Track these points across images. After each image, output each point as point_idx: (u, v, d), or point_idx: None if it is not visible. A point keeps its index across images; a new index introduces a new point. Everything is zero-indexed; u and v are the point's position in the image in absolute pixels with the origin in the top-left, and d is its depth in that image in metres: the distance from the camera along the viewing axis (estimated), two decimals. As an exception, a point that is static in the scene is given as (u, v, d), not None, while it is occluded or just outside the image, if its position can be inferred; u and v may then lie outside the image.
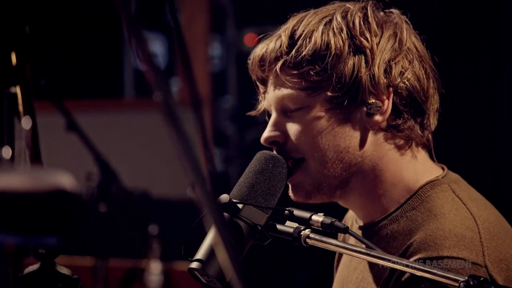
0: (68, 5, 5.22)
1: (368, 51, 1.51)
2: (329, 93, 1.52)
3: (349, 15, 1.54)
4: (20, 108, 1.31)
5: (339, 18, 1.54)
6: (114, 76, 5.36)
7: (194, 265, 1.41)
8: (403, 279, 1.44)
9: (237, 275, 0.95)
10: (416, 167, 1.57)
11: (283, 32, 1.57)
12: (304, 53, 1.52)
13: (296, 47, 1.54)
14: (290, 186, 1.58)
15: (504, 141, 3.85)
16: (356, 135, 1.54)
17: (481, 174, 3.71)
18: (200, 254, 1.42)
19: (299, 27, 1.55)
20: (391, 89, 1.52)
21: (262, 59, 1.58)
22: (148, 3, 4.94)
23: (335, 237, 1.43)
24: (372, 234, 1.57)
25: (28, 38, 1.35)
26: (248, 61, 1.63)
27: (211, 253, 1.40)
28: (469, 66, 3.86)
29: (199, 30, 4.67)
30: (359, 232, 1.60)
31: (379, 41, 1.53)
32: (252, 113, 1.68)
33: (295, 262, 4.31)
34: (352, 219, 1.69)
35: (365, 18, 1.55)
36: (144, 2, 4.99)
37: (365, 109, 1.52)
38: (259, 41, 1.63)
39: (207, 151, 0.97)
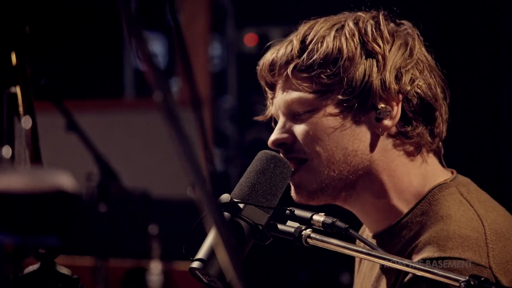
0: (68, 5, 5.22)
1: (380, 56, 1.52)
2: (339, 96, 1.52)
3: (361, 22, 1.56)
4: (20, 108, 1.31)
5: (351, 25, 1.55)
6: (114, 76, 5.36)
7: (195, 264, 1.41)
8: (406, 279, 1.43)
9: (238, 275, 0.95)
10: (425, 172, 1.57)
11: (295, 37, 1.58)
12: (315, 56, 1.53)
13: (307, 51, 1.55)
14: (292, 186, 1.58)
15: (505, 142, 3.85)
16: (365, 139, 1.54)
17: (481, 174, 3.71)
18: (201, 253, 1.42)
19: (310, 32, 1.57)
20: (401, 95, 1.53)
21: (272, 64, 1.59)
22: (148, 3, 4.94)
23: (337, 237, 1.43)
24: (386, 241, 1.56)
25: (28, 38, 1.34)
26: (257, 68, 1.63)
27: (212, 252, 1.40)
28: (469, 67, 3.86)
29: (199, 30, 4.67)
30: (373, 241, 1.59)
31: (391, 49, 1.54)
32: (259, 118, 1.69)
33: (295, 262, 4.30)
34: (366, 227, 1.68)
35: (377, 26, 1.56)
36: (144, 2, 4.99)
37: (374, 113, 1.53)
38: (267, 48, 1.63)
39: (207, 151, 0.97)
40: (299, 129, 1.55)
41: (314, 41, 1.55)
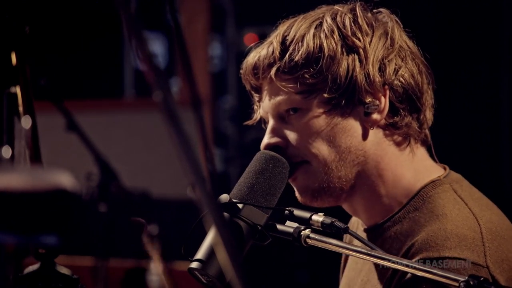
0: (68, 5, 5.22)
1: (361, 50, 1.52)
2: (325, 95, 1.52)
3: (338, 17, 1.55)
4: (20, 108, 1.31)
5: (329, 20, 1.55)
6: (114, 76, 5.36)
7: (194, 265, 1.42)
8: (405, 279, 1.43)
9: (237, 275, 0.95)
10: (416, 166, 1.57)
11: (274, 38, 1.57)
12: (297, 57, 1.53)
13: (288, 52, 1.54)
14: (295, 188, 1.58)
15: (504, 141, 3.85)
16: (356, 134, 1.54)
17: (481, 174, 3.71)
18: (200, 254, 1.42)
19: (289, 32, 1.56)
20: (386, 87, 1.53)
21: (255, 67, 1.59)
22: (148, 3, 4.94)
23: (336, 237, 1.43)
24: (377, 236, 1.56)
25: (28, 38, 1.34)
26: (241, 71, 1.63)
27: (211, 253, 1.41)
28: (468, 66, 3.86)
29: (199, 30, 4.67)
30: (364, 235, 1.60)
31: (371, 40, 1.53)
32: (249, 122, 1.69)
33: (295, 262, 4.30)
34: (358, 223, 1.69)
35: (355, 18, 1.55)
36: (144, 2, 4.99)
37: (362, 108, 1.53)
38: (249, 50, 1.63)
39: (207, 151, 0.97)
40: (291, 133, 1.55)
41: (294, 41, 1.54)
